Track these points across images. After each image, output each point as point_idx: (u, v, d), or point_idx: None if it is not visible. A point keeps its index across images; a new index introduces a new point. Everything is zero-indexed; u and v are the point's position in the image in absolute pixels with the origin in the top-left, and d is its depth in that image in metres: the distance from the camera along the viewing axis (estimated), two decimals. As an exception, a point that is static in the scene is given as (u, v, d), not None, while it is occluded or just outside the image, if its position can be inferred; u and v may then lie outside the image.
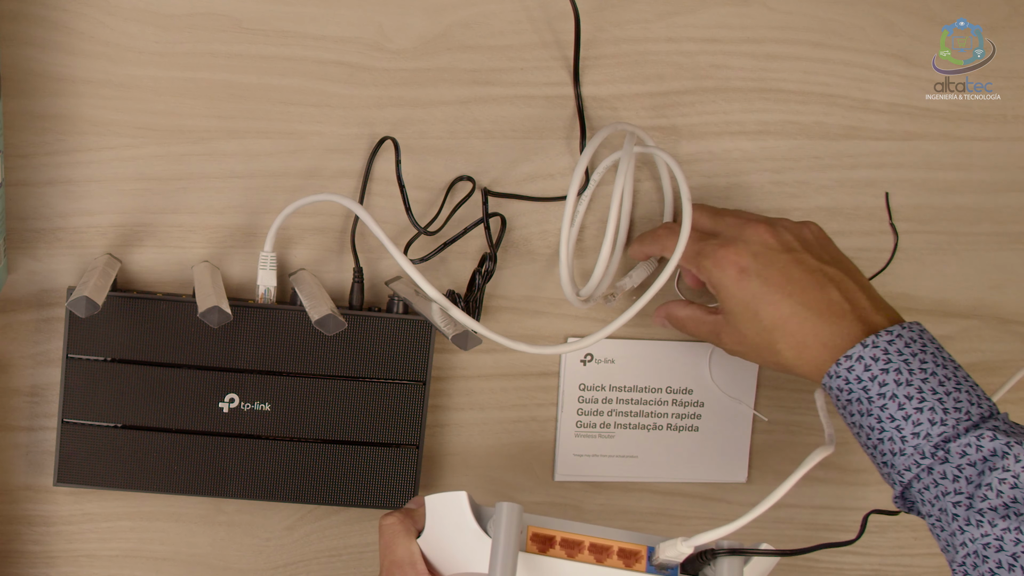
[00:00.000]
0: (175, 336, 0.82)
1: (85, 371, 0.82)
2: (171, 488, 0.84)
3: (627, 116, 0.88)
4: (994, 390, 0.96)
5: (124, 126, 0.83)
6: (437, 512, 0.72)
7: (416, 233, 0.86)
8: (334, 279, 0.87)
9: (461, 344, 0.78)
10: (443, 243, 0.86)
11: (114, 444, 0.83)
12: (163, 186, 0.84)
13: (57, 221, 0.83)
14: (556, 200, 0.88)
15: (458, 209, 0.87)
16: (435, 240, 0.86)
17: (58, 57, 0.81)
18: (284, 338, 0.83)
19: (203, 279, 0.81)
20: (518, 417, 0.92)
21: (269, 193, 0.85)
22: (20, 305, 0.84)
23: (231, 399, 0.84)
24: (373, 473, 0.86)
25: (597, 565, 0.70)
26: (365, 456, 0.86)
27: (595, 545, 0.71)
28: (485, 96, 0.86)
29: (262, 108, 0.84)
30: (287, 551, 0.90)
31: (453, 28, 0.85)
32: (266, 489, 0.85)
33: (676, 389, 0.93)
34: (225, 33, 0.82)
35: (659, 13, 0.87)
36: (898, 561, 0.98)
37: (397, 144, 0.85)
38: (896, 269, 0.94)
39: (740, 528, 0.72)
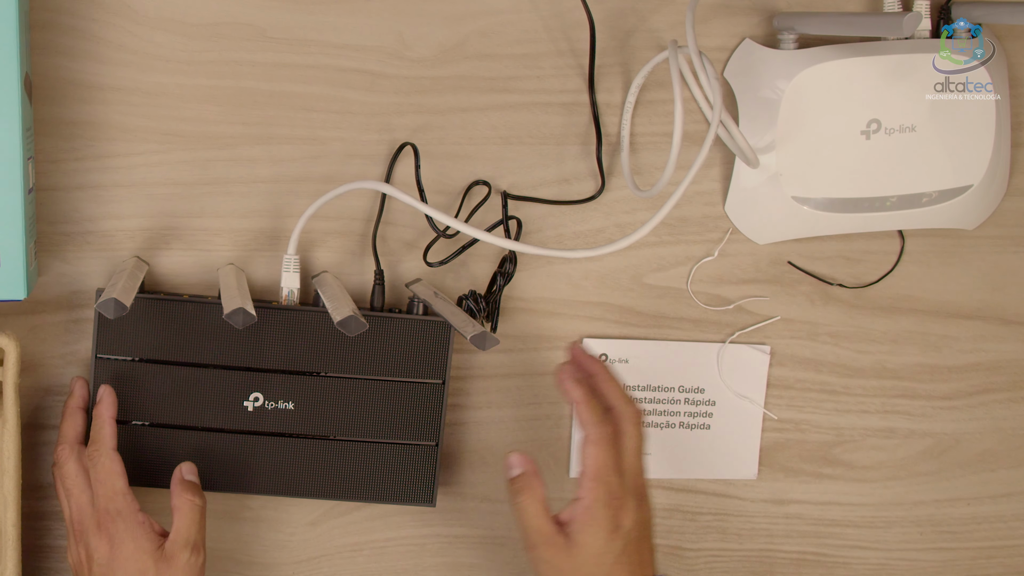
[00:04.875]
0: (201, 337, 0.84)
1: (114, 371, 0.83)
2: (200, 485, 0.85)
3: (640, 123, 0.89)
4: (996, 389, 0.98)
5: (151, 132, 0.84)
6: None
7: (436, 236, 0.87)
8: (356, 281, 0.88)
9: (479, 344, 0.79)
10: (463, 245, 0.87)
11: (143, 442, 0.84)
12: (189, 190, 0.85)
13: (86, 225, 0.84)
14: (573, 203, 0.89)
15: (475, 212, 0.88)
16: (454, 243, 0.88)
17: (87, 65, 0.82)
18: (307, 339, 0.85)
19: (228, 281, 0.82)
20: (533, 415, 0.92)
21: (291, 197, 0.86)
22: (50, 306, 0.85)
23: (256, 398, 0.85)
24: (393, 470, 0.87)
25: None
26: (386, 453, 0.87)
27: None
28: (502, 103, 0.87)
29: (285, 115, 0.85)
30: (310, 546, 0.91)
31: (471, 37, 0.86)
32: (290, 485, 0.86)
33: (688, 388, 0.93)
34: (249, 42, 0.84)
35: (671, 24, 0.88)
36: (903, 556, 0.99)
37: (417, 150, 0.86)
38: (902, 271, 0.95)
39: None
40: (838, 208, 0.88)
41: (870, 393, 0.96)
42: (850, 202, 0.88)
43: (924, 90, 0.86)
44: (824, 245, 0.93)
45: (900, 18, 0.77)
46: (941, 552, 0.99)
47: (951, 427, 0.98)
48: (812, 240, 0.93)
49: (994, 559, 1.01)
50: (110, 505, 0.79)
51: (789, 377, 0.95)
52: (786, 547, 0.98)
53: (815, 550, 0.98)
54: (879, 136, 0.86)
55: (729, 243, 0.92)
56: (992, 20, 0.86)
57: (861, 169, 0.87)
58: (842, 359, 0.95)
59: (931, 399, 0.97)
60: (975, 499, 0.99)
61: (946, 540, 0.99)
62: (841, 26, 0.84)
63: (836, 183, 0.87)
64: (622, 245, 0.78)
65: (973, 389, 0.97)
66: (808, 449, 0.96)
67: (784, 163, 0.87)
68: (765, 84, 0.87)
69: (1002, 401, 0.98)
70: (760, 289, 0.93)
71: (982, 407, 0.98)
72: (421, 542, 0.93)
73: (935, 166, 0.88)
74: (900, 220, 0.90)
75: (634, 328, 0.92)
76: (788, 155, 0.87)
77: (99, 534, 0.79)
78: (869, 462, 0.97)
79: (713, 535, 0.96)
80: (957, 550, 1.00)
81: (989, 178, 0.89)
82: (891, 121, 0.86)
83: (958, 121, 0.87)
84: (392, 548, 0.93)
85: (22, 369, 0.83)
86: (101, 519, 0.79)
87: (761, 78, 0.87)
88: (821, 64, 0.85)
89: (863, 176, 0.87)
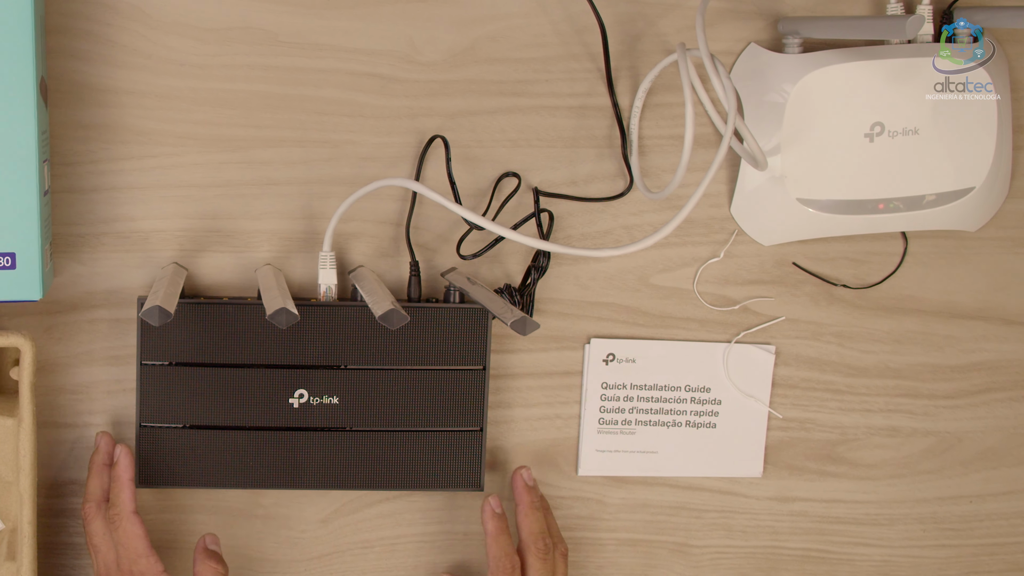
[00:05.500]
0: (243, 337, 0.84)
1: (158, 376, 0.84)
2: (248, 483, 0.86)
3: (647, 126, 0.90)
4: (998, 388, 0.98)
5: (165, 135, 0.84)
6: None
7: (468, 229, 0.88)
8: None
9: (520, 329, 0.78)
10: (494, 239, 0.87)
11: (190, 444, 0.85)
12: (202, 192, 0.85)
13: (101, 227, 0.85)
14: (601, 201, 0.90)
15: (504, 205, 0.88)
16: (486, 234, 0.88)
17: (102, 69, 0.83)
18: (347, 333, 0.85)
19: (268, 282, 0.82)
20: (543, 415, 0.93)
21: (307, 199, 0.86)
22: (65, 307, 0.86)
23: (301, 395, 0.85)
24: (440, 457, 0.87)
25: None
26: (431, 441, 0.87)
27: None
28: (511, 106, 0.88)
29: (298, 118, 0.85)
30: (321, 543, 0.92)
31: (480, 41, 0.87)
32: (339, 479, 0.86)
33: (694, 387, 0.94)
34: (262, 46, 0.84)
35: (678, 28, 0.88)
36: (906, 552, 0.99)
37: (447, 142, 0.86)
38: (905, 272, 0.95)
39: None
40: (842, 210, 0.88)
41: (874, 392, 0.96)
42: (854, 204, 0.88)
43: (925, 91, 0.87)
44: (828, 246, 0.93)
45: (903, 22, 0.78)
46: (944, 549, 1.00)
47: (953, 426, 0.98)
48: (816, 241, 0.93)
49: (996, 556, 1.01)
50: (134, 568, 0.81)
51: (794, 376, 0.95)
52: (791, 544, 0.98)
53: (819, 547, 0.98)
54: (882, 139, 0.87)
55: (735, 244, 0.92)
56: (993, 24, 0.86)
57: (865, 172, 0.88)
58: (846, 359, 0.96)
59: (934, 398, 0.97)
60: (977, 497, 0.99)
61: (948, 537, 1.00)
62: (845, 30, 0.85)
63: (840, 185, 0.88)
64: (648, 243, 0.77)
65: (975, 388, 0.98)
66: (812, 447, 0.97)
67: (789, 165, 0.87)
68: (770, 87, 0.87)
69: (1004, 400, 0.98)
70: (765, 290, 0.94)
71: (984, 406, 0.98)
72: (431, 539, 0.93)
73: (937, 169, 0.88)
74: (903, 222, 0.90)
75: (641, 328, 0.93)
76: (793, 157, 0.87)
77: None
78: (873, 460, 0.97)
79: (719, 532, 0.97)
80: (959, 547, 1.00)
81: (991, 180, 0.90)
82: (894, 124, 0.87)
83: (960, 124, 0.88)
84: (402, 545, 0.93)
85: (37, 368, 0.83)
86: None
87: (766, 82, 0.88)
88: (825, 68, 0.86)
89: (867, 178, 0.88)
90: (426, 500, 0.92)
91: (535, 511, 0.88)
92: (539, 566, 0.86)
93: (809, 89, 0.86)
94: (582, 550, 0.95)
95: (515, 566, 0.86)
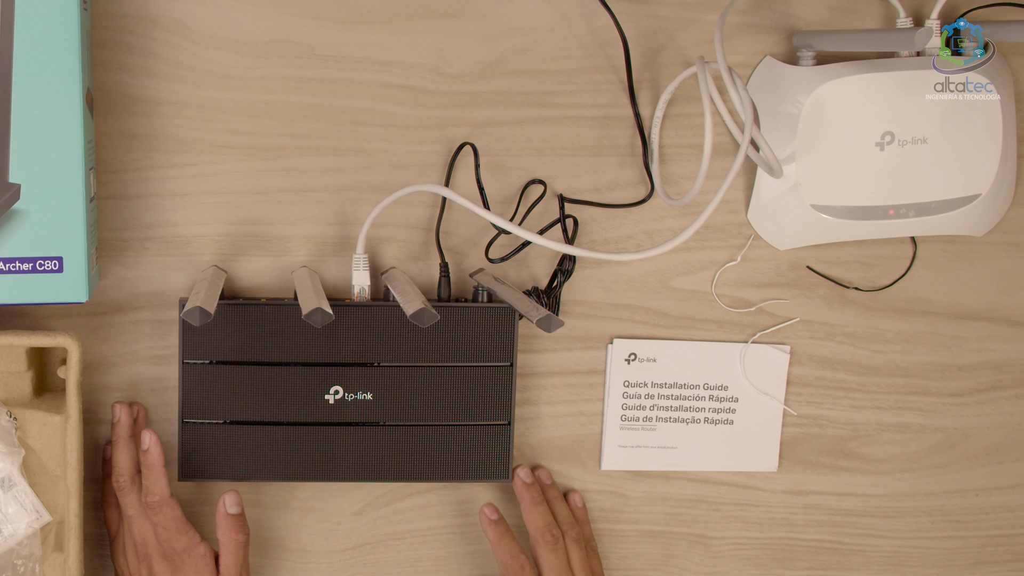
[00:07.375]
0: (280, 336, 0.85)
1: (199, 374, 0.85)
2: (285, 476, 0.87)
3: (667, 136, 0.91)
4: (1003, 387, 0.98)
5: (206, 144, 0.85)
6: None
7: (496, 234, 0.89)
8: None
9: (545, 327, 0.79)
10: (521, 244, 0.88)
11: (230, 439, 0.86)
12: (241, 199, 0.86)
13: (144, 232, 0.86)
14: (624, 207, 0.91)
15: (531, 211, 0.89)
16: (514, 238, 0.89)
17: (146, 81, 0.84)
18: (380, 332, 0.86)
19: (304, 283, 0.83)
20: (568, 412, 0.94)
21: (341, 205, 0.88)
22: (110, 308, 0.87)
23: (336, 391, 0.87)
24: (470, 450, 0.89)
25: None
26: (461, 435, 0.88)
27: None
28: (537, 117, 0.89)
29: (333, 128, 0.87)
30: (356, 534, 0.93)
31: (508, 54, 0.88)
32: (373, 471, 0.88)
33: (712, 385, 0.94)
34: (299, 59, 0.85)
35: (697, 42, 0.90)
36: (915, 543, 0.99)
37: (476, 149, 0.87)
38: (914, 275, 0.96)
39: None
40: (854, 216, 0.89)
41: (884, 390, 0.97)
42: (866, 210, 0.89)
43: (927, 94, 0.87)
44: (841, 251, 0.94)
45: (912, 34, 0.78)
46: (951, 540, 1.00)
47: (961, 422, 0.98)
48: (829, 246, 0.94)
49: (1001, 547, 1.01)
50: (176, 544, 0.83)
51: (808, 375, 0.96)
52: (805, 535, 0.98)
53: (832, 538, 0.98)
54: (893, 148, 0.88)
55: (751, 249, 0.93)
56: (998, 38, 0.86)
57: (876, 179, 0.88)
58: (858, 358, 0.96)
59: (942, 396, 0.98)
60: (983, 490, 1.00)
61: (956, 529, 1.00)
62: (857, 43, 0.85)
63: (853, 192, 0.88)
64: (668, 248, 0.78)
65: (982, 387, 0.98)
66: (825, 443, 0.97)
67: (804, 173, 0.88)
68: (785, 99, 0.88)
69: (1009, 398, 0.99)
70: (780, 292, 0.94)
71: (990, 403, 0.98)
72: (460, 531, 0.94)
73: (945, 176, 0.89)
74: (912, 227, 0.91)
75: (661, 329, 0.94)
76: (807, 166, 0.88)
77: (163, 561, 0.83)
78: (883, 455, 0.98)
79: (736, 524, 0.97)
80: (966, 538, 1.00)
81: (996, 187, 0.91)
82: (904, 133, 0.87)
83: (966, 134, 0.88)
84: (433, 536, 0.94)
85: (84, 368, 0.85)
86: (166, 551, 0.83)
87: (782, 93, 0.88)
88: (838, 79, 0.86)
89: (878, 186, 0.88)
90: (456, 494, 0.93)
91: (536, 507, 0.89)
92: (551, 558, 0.87)
93: (822, 100, 0.87)
94: (605, 541, 0.96)
95: (523, 565, 0.87)
